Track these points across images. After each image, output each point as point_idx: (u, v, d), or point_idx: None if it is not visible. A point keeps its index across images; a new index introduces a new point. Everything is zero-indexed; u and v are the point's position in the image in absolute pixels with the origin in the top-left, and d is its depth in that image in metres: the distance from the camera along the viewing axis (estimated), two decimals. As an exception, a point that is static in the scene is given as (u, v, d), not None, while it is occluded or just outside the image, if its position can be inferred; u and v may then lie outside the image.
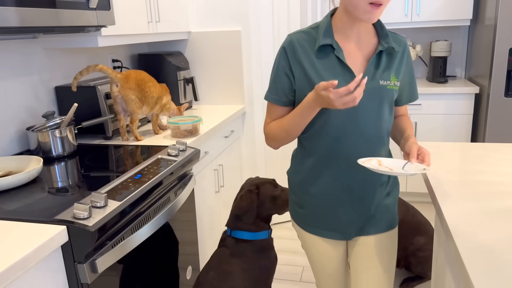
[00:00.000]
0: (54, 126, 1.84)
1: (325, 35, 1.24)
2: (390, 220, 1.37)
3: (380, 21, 1.30)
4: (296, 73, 1.27)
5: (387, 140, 1.34)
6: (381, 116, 1.27)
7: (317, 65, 1.24)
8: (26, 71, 1.89)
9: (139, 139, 2.02)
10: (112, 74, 1.91)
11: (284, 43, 1.30)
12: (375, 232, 1.36)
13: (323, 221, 1.36)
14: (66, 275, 1.18)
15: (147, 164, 1.65)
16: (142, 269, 1.50)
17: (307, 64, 1.25)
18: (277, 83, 1.32)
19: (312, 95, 1.16)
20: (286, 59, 1.28)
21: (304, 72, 1.25)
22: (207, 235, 2.25)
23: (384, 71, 1.26)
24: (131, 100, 1.95)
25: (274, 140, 1.35)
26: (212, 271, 1.71)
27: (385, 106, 1.27)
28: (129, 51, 2.72)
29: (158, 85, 2.13)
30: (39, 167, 1.51)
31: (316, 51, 1.25)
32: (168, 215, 1.56)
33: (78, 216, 1.18)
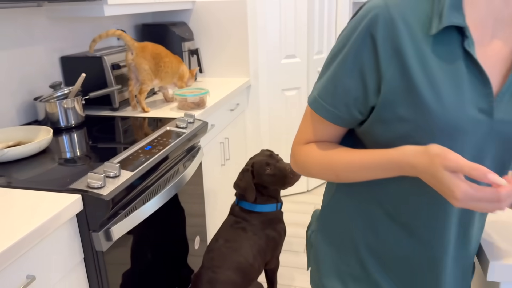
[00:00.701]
0: (62, 97, 1.83)
1: (452, 7, 0.67)
2: None
3: None
4: (387, 75, 0.71)
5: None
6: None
7: (430, 62, 0.69)
8: (31, 40, 1.87)
9: (146, 111, 2.02)
10: (129, 41, 1.93)
11: (371, 16, 0.70)
12: None
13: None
14: (81, 243, 1.20)
15: (157, 135, 1.65)
16: (153, 239, 1.52)
17: (413, 59, 0.69)
18: (338, 88, 0.76)
19: (418, 155, 0.67)
20: (372, 51, 0.71)
21: (405, 72, 0.69)
22: (213, 207, 2.28)
23: None
24: (143, 70, 1.96)
25: (308, 173, 0.86)
26: (221, 239, 1.76)
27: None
28: (133, 21, 2.68)
29: (174, 60, 2.13)
30: (49, 137, 1.51)
31: (433, 35, 0.69)
32: (177, 186, 1.58)
33: (93, 186, 1.19)
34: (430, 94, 0.68)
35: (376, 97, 0.74)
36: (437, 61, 0.69)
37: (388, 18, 0.69)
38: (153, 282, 1.55)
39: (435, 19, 0.68)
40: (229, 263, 1.69)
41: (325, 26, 3.09)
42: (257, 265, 1.76)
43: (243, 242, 1.75)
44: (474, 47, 0.68)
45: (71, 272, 1.18)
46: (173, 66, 2.11)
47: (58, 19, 2.02)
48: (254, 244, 1.77)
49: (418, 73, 0.69)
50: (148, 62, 1.97)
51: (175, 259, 1.72)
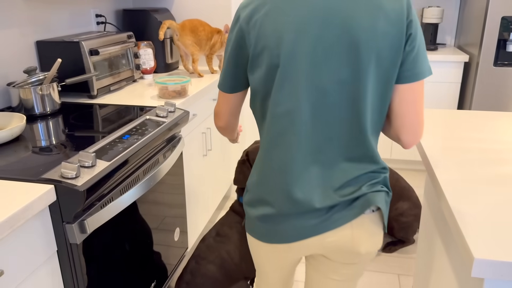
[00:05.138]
0: (37, 83, 1.76)
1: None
2: None
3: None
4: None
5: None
6: None
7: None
8: (5, 23, 1.78)
9: (201, 75, 2.45)
10: (173, 24, 2.35)
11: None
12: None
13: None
14: (54, 235, 1.15)
15: (135, 124, 1.60)
16: (131, 230, 1.48)
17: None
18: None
19: None
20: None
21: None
22: (195, 198, 2.24)
23: None
24: (188, 44, 2.38)
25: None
26: (215, 230, 1.76)
27: None
28: (113, 6, 2.59)
29: (208, 28, 2.43)
30: (22, 125, 1.44)
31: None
32: (157, 177, 1.53)
33: (66, 176, 1.14)
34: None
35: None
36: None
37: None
38: (130, 275, 1.51)
39: None
40: (213, 257, 1.66)
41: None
42: (245, 266, 1.72)
43: (234, 240, 1.71)
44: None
45: (43, 265, 1.13)
46: (205, 33, 2.41)
47: (35, 2, 1.94)
48: (243, 242, 1.72)
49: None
50: (190, 37, 2.37)
51: (154, 252, 1.68)
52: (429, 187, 1.58)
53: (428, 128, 1.52)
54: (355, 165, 1.02)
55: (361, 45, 0.92)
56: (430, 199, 1.55)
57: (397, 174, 2.42)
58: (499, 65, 2.93)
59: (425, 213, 1.63)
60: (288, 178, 1.01)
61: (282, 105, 0.99)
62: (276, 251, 1.10)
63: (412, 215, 2.37)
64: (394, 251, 2.48)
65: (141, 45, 2.40)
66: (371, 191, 1.02)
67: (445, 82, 3.21)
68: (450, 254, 1.20)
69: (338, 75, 0.94)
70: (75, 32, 2.24)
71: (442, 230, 1.32)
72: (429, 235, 1.52)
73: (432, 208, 1.51)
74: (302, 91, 0.96)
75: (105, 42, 2.06)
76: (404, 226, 2.39)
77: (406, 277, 2.27)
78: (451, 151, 1.31)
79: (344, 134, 0.99)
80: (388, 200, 1.06)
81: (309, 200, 1.00)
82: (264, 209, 1.06)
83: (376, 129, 1.03)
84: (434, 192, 1.47)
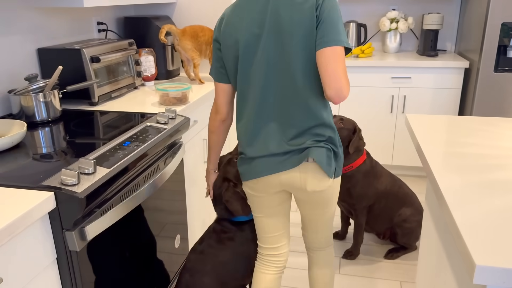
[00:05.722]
0: (38, 90, 1.76)
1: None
2: None
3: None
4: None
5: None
6: None
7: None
8: (6, 31, 1.79)
9: (202, 82, 2.46)
10: (172, 29, 2.38)
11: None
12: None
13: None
14: (54, 242, 1.15)
15: (136, 131, 1.60)
16: (131, 237, 1.48)
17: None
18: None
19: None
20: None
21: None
22: (195, 205, 2.23)
23: None
24: (188, 49, 2.40)
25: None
26: (206, 241, 1.69)
27: None
28: (115, 13, 2.61)
29: (208, 33, 2.43)
30: (22, 132, 1.45)
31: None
32: (157, 184, 1.53)
33: (66, 182, 1.14)
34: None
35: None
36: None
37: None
38: (131, 282, 1.50)
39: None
40: (207, 269, 1.62)
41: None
42: (240, 276, 1.69)
43: (228, 250, 1.67)
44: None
45: (42, 273, 1.12)
46: (205, 37, 2.41)
47: (36, 9, 1.95)
48: (242, 253, 1.69)
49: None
50: (190, 42, 2.39)
51: (155, 259, 1.68)
52: (430, 193, 1.58)
53: (429, 134, 1.52)
54: (302, 123, 1.37)
55: (284, 33, 1.30)
56: (431, 205, 1.55)
57: (400, 181, 2.41)
58: (499, 71, 2.93)
59: (427, 219, 1.62)
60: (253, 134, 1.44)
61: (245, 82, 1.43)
62: (254, 187, 1.49)
63: (415, 221, 2.36)
64: (397, 258, 2.47)
65: (142, 52, 2.41)
66: (313, 146, 1.37)
67: (446, 88, 3.21)
68: (451, 261, 1.19)
69: (273, 57, 1.34)
70: (76, 39, 2.26)
71: (444, 236, 1.31)
72: (430, 241, 1.51)
73: (433, 214, 1.50)
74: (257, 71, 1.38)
75: (106, 49, 2.07)
76: (407, 232, 2.37)
77: (408, 284, 2.25)
78: (452, 157, 1.31)
79: (292, 98, 1.35)
80: (331, 155, 1.39)
81: (268, 147, 1.40)
82: (243, 156, 1.48)
83: (315, 93, 1.35)
84: (435, 198, 1.47)
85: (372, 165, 2.31)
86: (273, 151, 1.39)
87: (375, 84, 3.29)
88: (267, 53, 1.34)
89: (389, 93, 3.29)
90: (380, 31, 3.74)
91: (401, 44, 3.67)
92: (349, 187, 2.29)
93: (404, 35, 3.73)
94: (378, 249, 2.56)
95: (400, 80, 3.24)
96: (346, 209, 2.47)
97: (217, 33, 1.44)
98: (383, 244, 2.62)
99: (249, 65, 1.37)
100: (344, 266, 2.42)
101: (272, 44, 1.33)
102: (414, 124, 1.62)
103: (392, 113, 3.33)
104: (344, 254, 2.49)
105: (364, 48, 3.40)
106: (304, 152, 1.37)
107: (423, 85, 3.23)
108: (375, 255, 2.51)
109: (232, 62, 1.41)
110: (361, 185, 2.28)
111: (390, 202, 2.35)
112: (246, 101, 1.42)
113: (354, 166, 2.26)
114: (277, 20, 1.30)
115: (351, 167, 2.26)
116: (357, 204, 2.32)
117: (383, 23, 3.50)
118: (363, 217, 2.37)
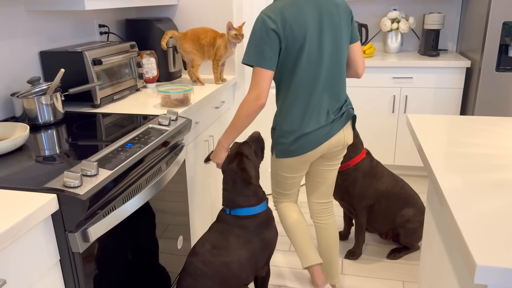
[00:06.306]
0: (40, 93, 1.77)
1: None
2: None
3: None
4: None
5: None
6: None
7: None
8: (9, 34, 1.80)
9: (202, 83, 2.48)
10: (175, 34, 2.43)
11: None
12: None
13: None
14: (57, 244, 1.16)
15: (138, 133, 1.61)
16: (133, 239, 1.48)
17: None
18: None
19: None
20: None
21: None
22: (197, 206, 2.24)
23: None
24: (189, 51, 2.43)
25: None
26: (209, 243, 1.68)
27: None
28: (116, 16, 2.62)
29: (210, 34, 2.43)
30: (25, 134, 1.46)
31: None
32: (159, 185, 1.54)
33: (69, 185, 1.14)
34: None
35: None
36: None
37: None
38: (133, 284, 1.51)
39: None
40: (212, 272, 1.62)
41: (312, 24, 3.07)
42: (244, 275, 1.69)
43: (232, 250, 1.66)
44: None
45: (45, 274, 1.13)
46: (207, 39, 2.42)
47: (38, 13, 1.96)
48: (246, 252, 1.69)
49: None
50: (190, 44, 2.41)
51: (157, 260, 1.68)
52: (431, 193, 1.58)
53: (430, 134, 1.52)
54: (342, 98, 1.81)
55: (336, 29, 1.70)
56: (432, 205, 1.55)
57: (402, 182, 2.41)
58: (501, 70, 2.93)
59: (428, 219, 1.62)
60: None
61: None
62: (304, 159, 1.80)
63: (417, 221, 2.36)
64: (399, 258, 2.47)
65: (144, 55, 2.42)
66: (348, 108, 1.82)
67: (447, 88, 3.21)
68: (453, 261, 1.20)
69: (329, 48, 1.71)
70: (78, 42, 2.27)
71: (445, 236, 1.31)
72: (432, 241, 1.51)
73: (435, 214, 1.50)
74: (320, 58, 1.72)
75: (108, 51, 2.08)
76: (410, 232, 2.37)
77: (411, 284, 2.25)
78: (453, 157, 1.31)
79: (337, 80, 1.76)
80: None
81: (319, 121, 1.75)
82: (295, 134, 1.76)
83: (345, 74, 1.81)
84: (436, 199, 1.47)
85: (372, 165, 2.31)
86: (322, 123, 1.74)
87: (377, 84, 3.29)
88: (326, 45, 1.67)
89: (391, 93, 3.29)
90: (381, 31, 3.74)
91: (402, 44, 3.67)
92: (347, 186, 2.30)
93: (405, 35, 3.73)
94: (380, 249, 2.57)
95: (401, 80, 3.24)
96: (346, 208, 2.48)
97: (274, 26, 1.60)
98: (385, 244, 2.62)
99: (313, 55, 1.66)
100: (347, 266, 2.42)
101: (329, 38, 1.68)
102: (416, 124, 1.63)
103: (394, 113, 3.33)
104: (346, 254, 2.49)
105: (365, 48, 3.40)
106: (344, 116, 1.80)
107: (424, 85, 3.23)
108: (378, 255, 2.51)
109: (296, 52, 1.65)
110: (360, 184, 2.28)
111: (392, 202, 2.35)
112: (303, 86, 1.70)
113: (350, 164, 2.27)
114: (331, 19, 1.67)
115: (347, 165, 2.27)
116: (357, 204, 2.33)
117: (384, 23, 3.50)
118: (364, 217, 2.38)
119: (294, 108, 1.72)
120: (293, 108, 1.73)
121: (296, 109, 1.72)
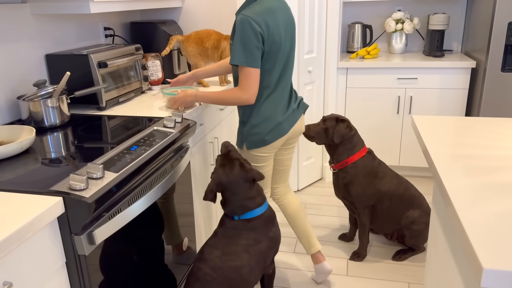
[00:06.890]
0: (46, 96, 1.78)
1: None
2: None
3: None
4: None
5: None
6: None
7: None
8: (15, 38, 1.82)
9: (206, 85, 2.47)
10: (178, 38, 2.45)
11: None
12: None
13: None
14: (63, 247, 1.16)
15: (143, 135, 1.61)
16: (139, 241, 1.49)
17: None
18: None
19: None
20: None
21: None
22: (203, 208, 2.24)
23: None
24: (191, 55, 2.44)
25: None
26: (218, 250, 1.66)
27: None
28: (121, 19, 2.63)
29: (215, 37, 2.43)
30: (31, 137, 1.47)
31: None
32: (165, 187, 1.54)
33: (75, 187, 1.15)
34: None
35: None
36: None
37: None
38: (139, 286, 1.51)
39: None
40: (221, 279, 1.61)
41: (315, 26, 3.07)
42: (253, 278, 1.68)
43: (242, 254, 1.65)
44: None
45: (52, 277, 1.14)
46: (211, 42, 2.42)
47: (43, 16, 1.97)
48: (256, 254, 1.68)
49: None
50: (193, 48, 2.42)
51: (162, 262, 1.69)
52: (437, 195, 1.57)
53: (435, 135, 1.52)
54: (293, 91, 2.06)
55: (294, 35, 1.95)
56: (438, 207, 1.54)
57: (407, 183, 2.40)
58: (506, 70, 2.91)
59: (434, 221, 1.61)
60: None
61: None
62: (277, 144, 1.96)
63: (423, 223, 2.35)
64: (405, 259, 2.46)
65: (149, 57, 2.43)
66: (300, 99, 2.07)
67: (453, 89, 3.19)
68: (459, 263, 1.19)
69: (291, 51, 1.94)
70: (83, 45, 2.28)
71: (451, 238, 1.31)
72: (438, 243, 1.51)
73: (440, 216, 1.50)
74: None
75: (114, 54, 2.09)
76: (415, 234, 2.37)
77: (416, 286, 2.24)
78: (459, 158, 1.31)
79: (291, 76, 1.99)
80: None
81: (287, 110, 1.99)
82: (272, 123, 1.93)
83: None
84: (442, 200, 1.46)
85: (373, 165, 2.31)
86: (289, 113, 1.97)
87: (381, 85, 3.28)
88: (290, 49, 1.91)
89: (396, 94, 3.28)
90: (386, 32, 3.73)
91: (407, 45, 3.66)
92: (347, 184, 2.30)
93: (410, 35, 3.72)
94: (385, 251, 2.56)
95: (406, 81, 3.23)
96: (348, 207, 2.48)
97: (259, 29, 1.72)
98: (390, 246, 2.61)
99: (285, 56, 1.88)
100: (352, 267, 2.41)
101: (293, 42, 1.93)
102: (421, 126, 1.62)
103: (398, 114, 3.32)
104: (351, 256, 2.49)
105: (369, 49, 3.40)
106: (300, 106, 2.05)
107: (429, 86, 3.22)
108: (383, 257, 2.50)
109: (274, 54, 1.81)
110: (360, 183, 2.28)
111: (395, 203, 2.34)
112: (277, 82, 1.90)
113: (349, 162, 2.27)
114: (291, 28, 1.90)
115: (345, 163, 2.27)
116: (357, 203, 2.33)
117: (388, 24, 3.49)
118: (366, 217, 2.37)
119: (269, 101, 1.89)
120: (269, 101, 1.89)
121: (271, 102, 1.90)
